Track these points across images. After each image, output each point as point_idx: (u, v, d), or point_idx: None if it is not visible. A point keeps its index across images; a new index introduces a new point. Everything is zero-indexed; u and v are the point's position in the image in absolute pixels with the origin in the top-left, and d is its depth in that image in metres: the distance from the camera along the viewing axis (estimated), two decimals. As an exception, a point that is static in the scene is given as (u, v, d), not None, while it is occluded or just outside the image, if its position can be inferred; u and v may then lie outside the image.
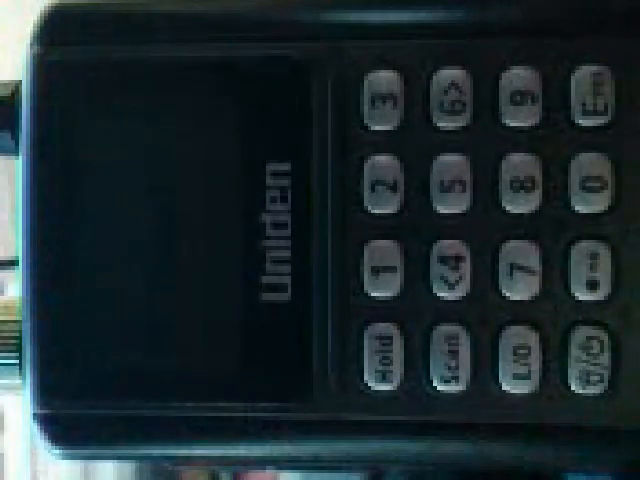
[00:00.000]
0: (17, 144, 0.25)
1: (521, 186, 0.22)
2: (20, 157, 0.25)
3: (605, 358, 0.22)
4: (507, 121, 0.23)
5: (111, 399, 0.24)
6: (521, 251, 0.23)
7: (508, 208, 0.23)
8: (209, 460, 0.25)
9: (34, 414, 0.24)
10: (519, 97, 0.22)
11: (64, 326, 0.24)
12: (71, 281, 0.24)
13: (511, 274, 0.23)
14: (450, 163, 0.23)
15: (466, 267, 0.23)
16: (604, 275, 0.22)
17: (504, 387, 0.23)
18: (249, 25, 0.24)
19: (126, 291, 0.24)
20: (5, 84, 0.26)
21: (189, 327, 0.24)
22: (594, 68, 0.22)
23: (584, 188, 0.22)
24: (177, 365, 0.24)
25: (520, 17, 0.23)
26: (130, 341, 0.24)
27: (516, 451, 0.23)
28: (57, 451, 0.25)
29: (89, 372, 0.24)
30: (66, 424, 0.24)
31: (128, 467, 0.31)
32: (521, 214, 0.23)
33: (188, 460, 0.25)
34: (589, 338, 0.22)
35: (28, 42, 0.25)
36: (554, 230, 0.22)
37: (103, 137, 0.24)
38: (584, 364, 0.22)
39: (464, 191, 0.23)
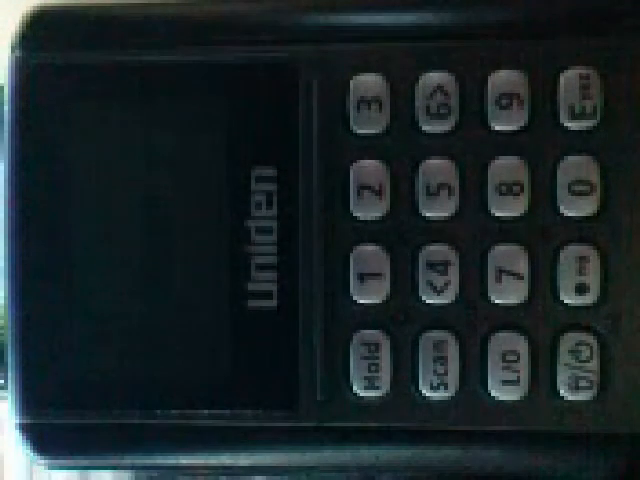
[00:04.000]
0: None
1: (508, 190, 0.22)
2: (2, 161, 0.24)
3: (594, 364, 0.22)
4: (494, 124, 0.22)
5: (95, 408, 0.24)
6: (509, 256, 0.22)
7: (495, 212, 0.22)
8: (195, 469, 0.24)
9: (18, 424, 0.24)
10: (506, 100, 0.22)
11: (47, 335, 0.24)
12: (55, 289, 0.24)
13: (499, 279, 0.22)
14: (436, 167, 0.22)
15: (453, 272, 0.22)
16: (593, 279, 0.22)
17: (493, 393, 0.22)
18: (234, 29, 0.24)
19: (111, 299, 0.24)
20: (-14, 88, 0.26)
21: (174, 335, 0.23)
22: (581, 70, 0.22)
23: (572, 192, 0.22)
24: (162, 373, 0.24)
25: (506, 19, 0.23)
26: (114, 349, 0.24)
27: (506, 457, 0.23)
28: (42, 461, 0.24)
29: (73, 381, 0.24)
30: (50, 434, 0.24)
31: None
32: (509, 218, 0.22)
33: (174, 469, 0.25)
34: (578, 343, 0.22)
35: (10, 46, 0.24)
36: (542, 234, 0.22)
37: (87, 142, 0.24)
38: (573, 370, 0.22)
39: (451, 195, 0.22)
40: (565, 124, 0.22)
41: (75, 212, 0.24)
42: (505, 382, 0.22)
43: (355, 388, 0.23)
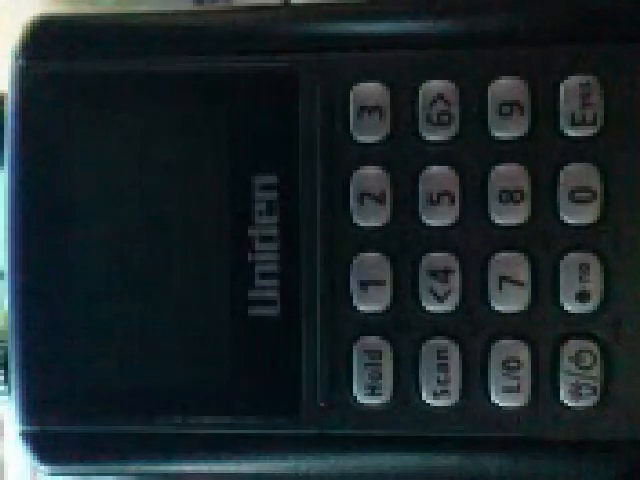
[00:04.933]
0: (1, 157, 0.25)
1: (509, 198, 0.22)
2: (4, 170, 0.24)
3: (596, 371, 0.22)
4: (495, 132, 0.22)
5: (98, 416, 0.24)
6: (510, 263, 0.22)
7: (497, 220, 0.22)
8: (198, 476, 0.25)
9: (21, 431, 0.24)
10: (507, 108, 0.22)
11: (50, 343, 0.24)
12: (58, 298, 0.24)
13: (500, 286, 0.22)
14: (438, 175, 0.23)
15: (455, 280, 0.22)
16: (594, 286, 0.22)
17: (494, 401, 0.22)
18: (235, 38, 0.24)
19: (113, 307, 0.24)
20: (-11, 97, 0.26)
21: (176, 342, 0.23)
22: (582, 78, 0.22)
23: (573, 199, 0.22)
24: (164, 381, 0.24)
25: (507, 27, 0.23)
26: (116, 357, 0.24)
27: (508, 465, 0.23)
28: (45, 468, 0.24)
29: (76, 389, 0.24)
30: (53, 441, 0.24)
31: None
32: (510, 226, 0.22)
33: (176, 477, 0.25)
34: (580, 351, 0.22)
35: (12, 55, 0.24)
36: (543, 242, 0.22)
37: (88, 151, 0.24)
38: (575, 377, 0.22)
39: (452, 203, 0.22)
40: (566, 132, 0.22)
41: (77, 220, 0.24)
42: (507, 389, 0.22)
43: (357, 395, 0.23)
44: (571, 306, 0.22)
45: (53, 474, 0.25)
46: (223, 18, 0.24)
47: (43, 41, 0.24)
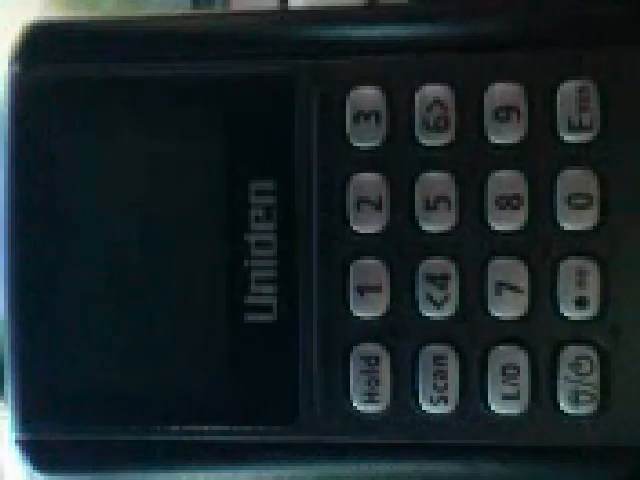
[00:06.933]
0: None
1: (507, 203, 0.22)
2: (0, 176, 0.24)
3: (595, 377, 0.22)
4: (492, 137, 0.22)
5: (94, 424, 0.24)
6: (508, 269, 0.22)
7: (494, 226, 0.22)
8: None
9: (16, 440, 0.24)
10: (504, 113, 0.22)
11: (46, 349, 0.24)
12: (54, 305, 0.24)
13: (499, 292, 0.22)
14: (435, 180, 0.22)
15: (453, 286, 0.22)
16: (593, 292, 0.22)
17: (493, 408, 0.22)
18: (231, 42, 0.24)
19: (109, 314, 0.24)
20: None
21: (172, 350, 0.23)
22: (579, 82, 0.22)
23: (571, 205, 0.22)
24: (161, 389, 0.23)
25: (504, 32, 0.23)
26: (113, 365, 0.23)
27: (507, 472, 0.23)
28: (40, 476, 0.24)
29: (71, 397, 0.24)
30: (49, 450, 0.24)
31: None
32: (508, 232, 0.22)
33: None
34: (578, 357, 0.22)
35: (8, 59, 0.24)
36: (541, 247, 0.22)
37: (85, 156, 0.24)
38: (574, 384, 0.22)
39: (449, 209, 0.22)
40: (563, 137, 0.22)
41: (74, 227, 0.24)
42: (505, 396, 0.22)
43: (354, 402, 0.23)
44: (570, 312, 0.22)
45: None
46: (220, 22, 0.24)
47: (39, 46, 0.24)
